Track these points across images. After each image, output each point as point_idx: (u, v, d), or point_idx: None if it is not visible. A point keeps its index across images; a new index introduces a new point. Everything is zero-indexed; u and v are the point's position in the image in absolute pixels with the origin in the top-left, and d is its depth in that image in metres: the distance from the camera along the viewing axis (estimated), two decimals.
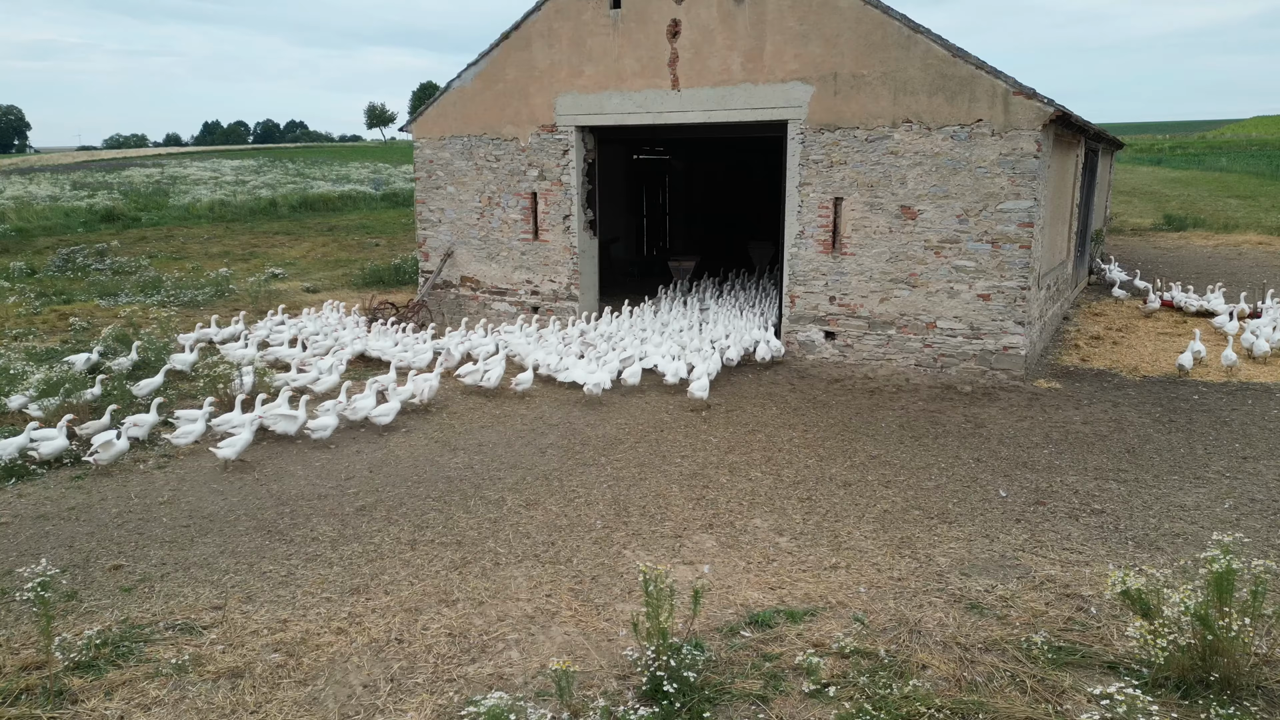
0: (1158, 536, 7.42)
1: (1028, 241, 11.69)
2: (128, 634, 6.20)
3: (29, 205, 32.56)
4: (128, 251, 25.59)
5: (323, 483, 8.92)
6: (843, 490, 8.54)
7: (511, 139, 15.26)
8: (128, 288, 19.45)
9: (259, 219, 33.06)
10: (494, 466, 9.25)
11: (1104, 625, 5.99)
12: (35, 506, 8.37)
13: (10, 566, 7.21)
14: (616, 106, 14.10)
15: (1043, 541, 7.37)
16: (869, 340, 12.89)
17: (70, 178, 57.08)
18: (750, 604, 6.46)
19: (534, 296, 15.65)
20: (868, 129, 12.34)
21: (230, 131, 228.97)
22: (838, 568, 7.01)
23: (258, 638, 6.14)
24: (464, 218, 16.17)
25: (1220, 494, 8.27)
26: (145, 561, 7.29)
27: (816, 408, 11.14)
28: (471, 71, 15.45)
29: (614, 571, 7.01)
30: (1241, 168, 57.92)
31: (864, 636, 5.91)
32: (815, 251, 13.00)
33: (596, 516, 8.01)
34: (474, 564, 7.17)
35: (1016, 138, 11.47)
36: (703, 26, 13.20)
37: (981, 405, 11.11)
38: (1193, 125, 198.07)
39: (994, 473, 8.93)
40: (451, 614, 6.42)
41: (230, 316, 15.32)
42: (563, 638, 6.06)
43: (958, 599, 6.45)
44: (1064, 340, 14.40)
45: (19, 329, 15.58)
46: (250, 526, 7.91)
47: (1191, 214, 32.17)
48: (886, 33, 11.98)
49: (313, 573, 7.07)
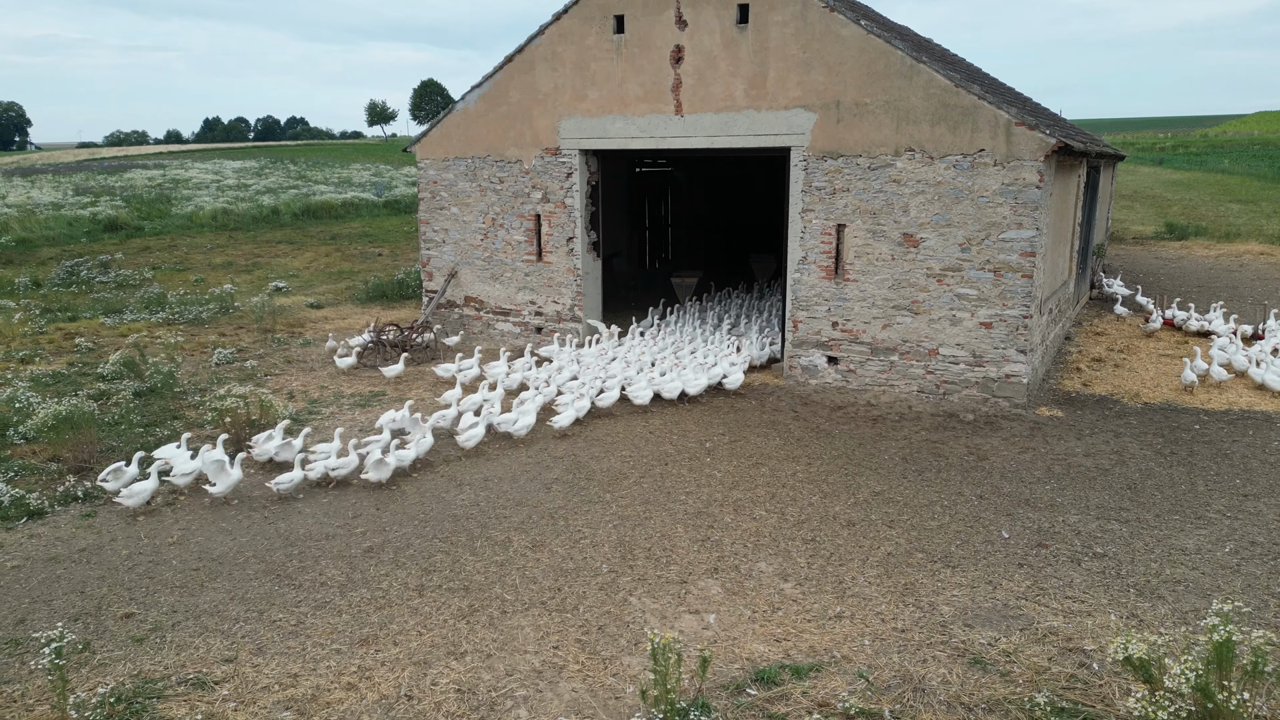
0: (1159, 584, 7.49)
1: (1030, 271, 11.74)
2: (141, 689, 6.28)
3: (32, 214, 32.60)
4: (131, 263, 25.65)
5: (330, 521, 9.00)
6: (846, 531, 8.60)
7: (515, 161, 15.30)
8: (132, 304, 19.51)
9: (261, 227, 33.10)
10: (499, 504, 9.31)
11: (1106, 683, 6.06)
12: (46, 548, 8.45)
13: (24, 614, 7.30)
14: (620, 131, 14.14)
15: (1045, 589, 7.44)
16: (871, 366, 12.95)
17: (72, 180, 57.13)
18: (756, 658, 6.53)
19: (538, 317, 15.71)
20: (870, 157, 12.39)
21: (231, 128, 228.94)
22: (842, 617, 7.08)
23: (269, 694, 6.22)
24: (468, 238, 16.22)
25: (1221, 536, 8.33)
26: (156, 609, 7.36)
27: (820, 438, 11.20)
28: (475, 93, 15.49)
29: (620, 621, 7.08)
30: (1243, 169, 57.90)
31: (868, 696, 5.98)
32: (818, 277, 13.05)
33: (602, 559, 8.08)
34: (481, 612, 7.24)
35: (1019, 168, 11.52)
36: (706, 53, 13.24)
37: (984, 435, 11.17)
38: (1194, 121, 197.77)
39: (997, 511, 8.99)
40: (460, 667, 6.50)
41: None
42: (570, 695, 6.14)
43: (961, 653, 6.52)
44: (1066, 362, 14.45)
45: (24, 349, 15.66)
46: (259, 570, 7.99)
47: (1193, 221, 32.20)
48: (889, 62, 12.02)
49: (322, 621, 7.14)
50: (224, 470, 9.49)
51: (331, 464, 9.84)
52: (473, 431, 10.66)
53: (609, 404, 11.98)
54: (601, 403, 11.94)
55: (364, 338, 15.15)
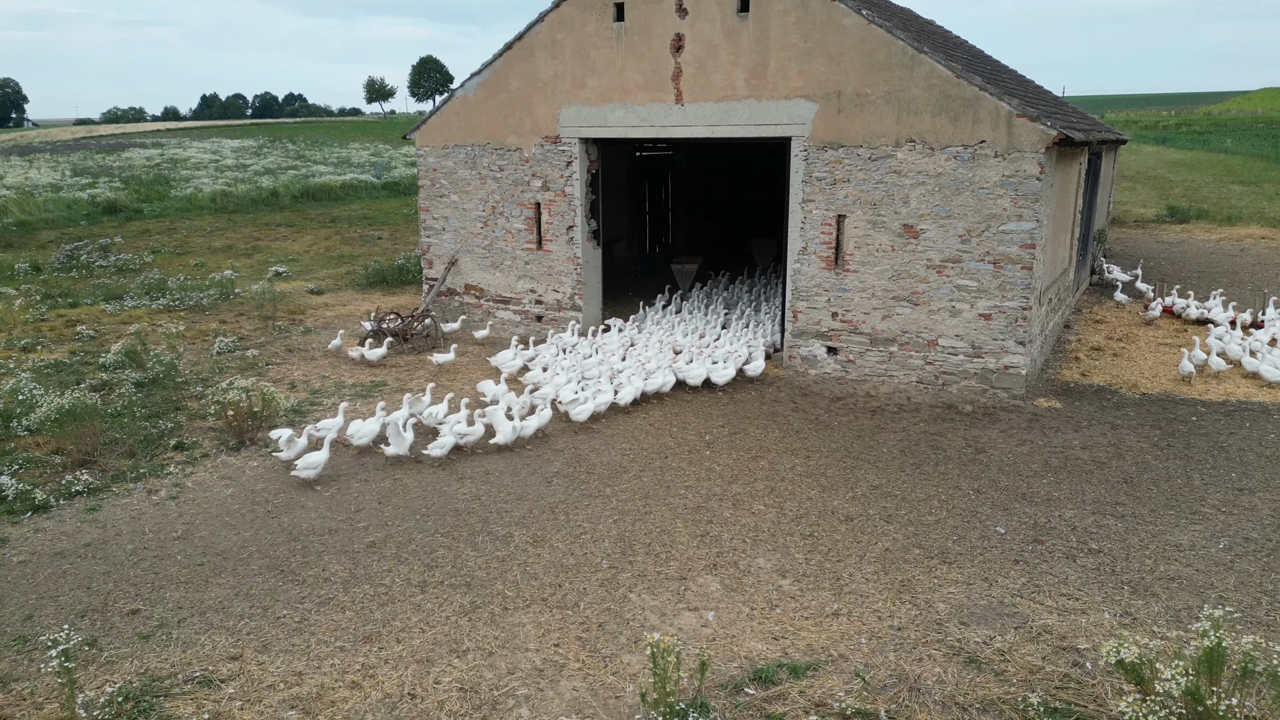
0: (1153, 580, 7.57)
1: (1029, 262, 11.75)
2: (148, 687, 6.38)
3: (31, 197, 32.52)
4: (131, 246, 25.64)
5: (333, 515, 9.08)
6: (844, 526, 8.68)
7: (515, 149, 15.27)
8: (133, 290, 19.52)
9: (261, 210, 33.04)
10: (500, 498, 9.39)
11: (1099, 683, 6.15)
12: (52, 543, 8.53)
13: (31, 610, 7.39)
14: (620, 119, 14.10)
15: (1040, 586, 7.53)
16: (871, 356, 13.00)
17: (70, 160, 56.96)
18: (754, 656, 6.63)
19: (538, 306, 15.73)
20: (871, 147, 12.36)
21: (229, 105, 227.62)
22: (839, 615, 7.17)
23: (274, 692, 6.32)
24: (468, 226, 16.22)
25: (1216, 532, 8.41)
26: (162, 605, 7.45)
27: (819, 430, 11.27)
28: (475, 80, 15.43)
29: (620, 618, 7.17)
30: (1246, 149, 57.69)
31: (864, 696, 6.08)
32: (818, 268, 13.07)
33: (602, 555, 8.16)
34: (483, 609, 7.33)
35: (1019, 160, 11.50)
36: (706, 41, 13.18)
37: (982, 427, 11.24)
38: (1199, 98, 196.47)
39: (993, 506, 9.07)
40: (462, 665, 6.59)
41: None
42: (571, 694, 6.24)
43: (956, 651, 6.61)
44: (1065, 351, 14.50)
45: (26, 337, 15.70)
46: (263, 565, 8.07)
47: (1195, 204, 32.13)
48: (890, 52, 11.97)
49: (326, 618, 7.24)
50: (399, 433, 10.29)
51: (460, 430, 10.56)
52: (583, 407, 11.25)
53: (656, 388, 12.28)
54: (650, 386, 12.28)
55: (368, 326, 15.18)
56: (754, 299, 17.08)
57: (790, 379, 13.34)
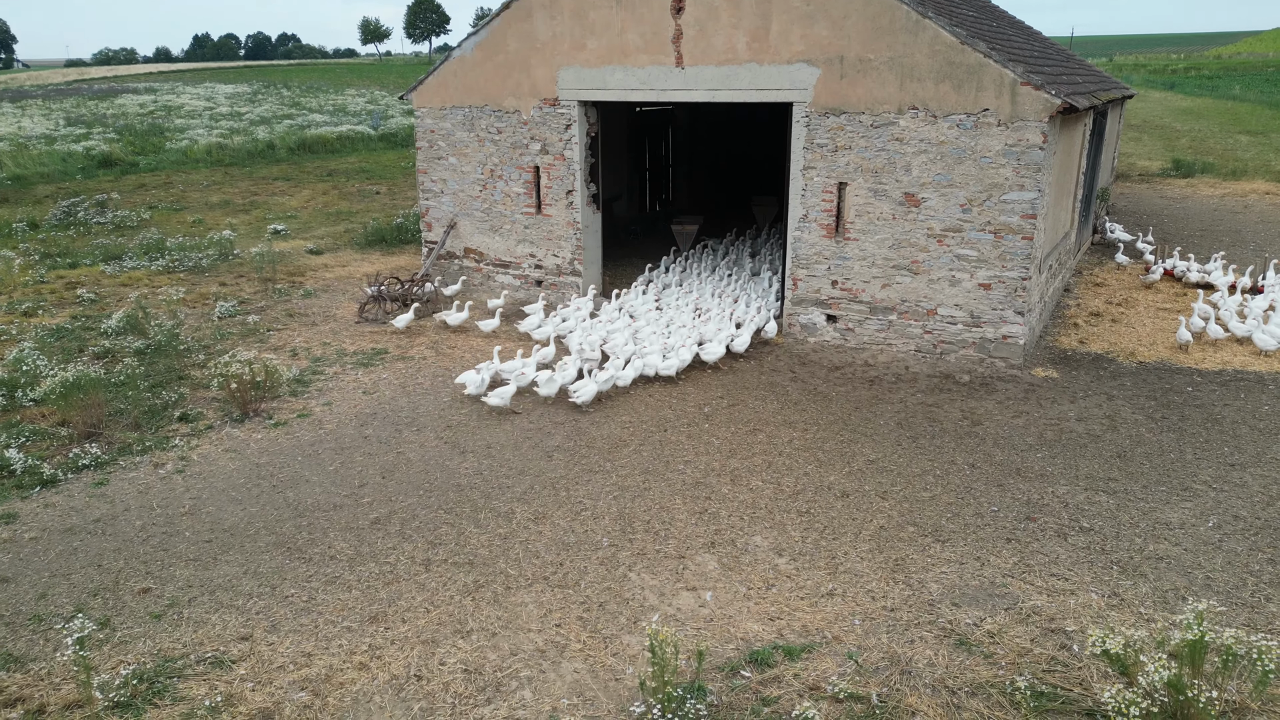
0: (1141, 560, 7.73)
1: (1030, 233, 11.73)
2: (161, 668, 6.57)
3: (25, 149, 32.21)
4: (128, 201, 25.48)
5: (337, 490, 9.22)
6: (840, 502, 8.83)
7: (513, 111, 15.10)
8: (132, 249, 19.46)
9: (257, 162, 32.74)
10: (502, 473, 9.53)
11: (1085, 666, 6.33)
12: (62, 518, 8.69)
13: (44, 589, 7.57)
14: (620, 82, 13.92)
15: (1031, 565, 7.69)
16: (870, 325, 13.04)
17: (63, 107, 56.26)
18: (750, 637, 6.81)
19: (538, 270, 15.72)
20: (873, 114, 12.24)
21: (221, 45, 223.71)
22: (834, 595, 7.34)
23: (284, 673, 6.51)
24: (466, 189, 16.12)
25: (1205, 509, 8.55)
26: (172, 583, 7.63)
27: (817, 401, 11.36)
28: (472, 41, 15.20)
29: (620, 598, 7.35)
30: (1255, 97, 56.91)
31: (857, 679, 6.27)
32: (818, 235, 13.03)
33: (603, 532, 8.32)
34: (486, 588, 7.50)
35: (1023, 129, 11.40)
36: (707, 3, 12.94)
37: (979, 398, 11.33)
38: (1209, 38, 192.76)
39: (988, 481, 9.20)
40: (466, 646, 6.78)
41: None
42: (572, 676, 6.43)
43: (947, 633, 6.79)
44: (1064, 317, 14.53)
45: (27, 300, 15.72)
46: (270, 542, 8.24)
47: (1200, 156, 31.82)
48: (894, 17, 11.78)
49: (333, 597, 7.41)
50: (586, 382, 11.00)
51: (605, 375, 11.29)
52: (587, 389, 11.18)
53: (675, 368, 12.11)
54: (698, 355, 12.38)
55: (369, 291, 15.18)
56: (758, 263, 17.05)
57: (789, 346, 13.40)
